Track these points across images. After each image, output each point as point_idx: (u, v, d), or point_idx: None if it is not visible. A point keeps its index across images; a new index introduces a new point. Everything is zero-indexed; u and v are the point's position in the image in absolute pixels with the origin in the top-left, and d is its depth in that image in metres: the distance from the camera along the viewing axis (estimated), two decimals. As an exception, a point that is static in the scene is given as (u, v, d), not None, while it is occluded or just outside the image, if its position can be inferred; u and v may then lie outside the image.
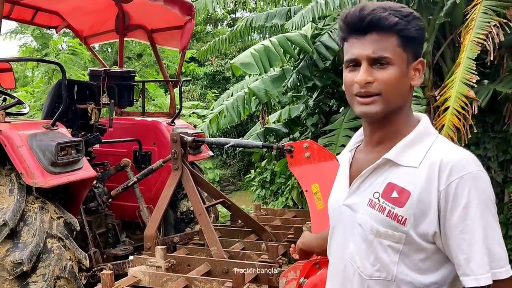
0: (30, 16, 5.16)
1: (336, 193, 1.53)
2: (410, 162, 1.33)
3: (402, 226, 1.29)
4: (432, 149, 1.33)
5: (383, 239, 1.32)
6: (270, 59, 6.48)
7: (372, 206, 1.35)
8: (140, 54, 12.68)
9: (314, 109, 7.87)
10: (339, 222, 1.48)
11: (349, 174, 1.49)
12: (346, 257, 1.43)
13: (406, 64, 1.34)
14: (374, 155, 1.41)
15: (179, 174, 3.77)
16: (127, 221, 4.90)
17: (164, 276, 3.11)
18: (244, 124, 15.55)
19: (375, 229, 1.34)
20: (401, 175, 1.33)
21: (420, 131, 1.38)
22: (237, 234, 4.11)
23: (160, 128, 4.83)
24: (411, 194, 1.29)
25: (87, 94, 4.41)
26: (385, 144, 1.40)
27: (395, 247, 1.31)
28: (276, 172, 8.52)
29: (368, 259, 1.36)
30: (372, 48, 1.32)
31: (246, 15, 20.20)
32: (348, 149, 1.56)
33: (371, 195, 1.37)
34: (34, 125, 3.51)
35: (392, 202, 1.32)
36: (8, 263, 3.08)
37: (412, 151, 1.34)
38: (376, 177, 1.38)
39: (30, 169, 3.17)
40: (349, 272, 1.42)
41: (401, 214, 1.29)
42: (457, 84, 4.02)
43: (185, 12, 4.60)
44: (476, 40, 4.13)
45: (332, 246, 1.52)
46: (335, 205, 1.50)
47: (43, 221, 3.23)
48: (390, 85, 1.32)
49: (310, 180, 3.35)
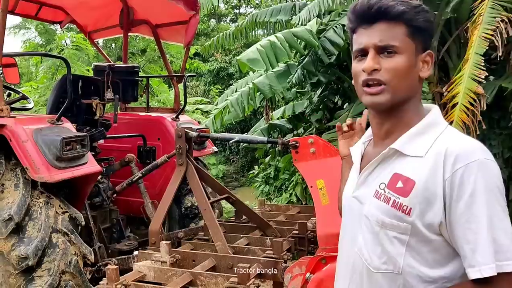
0: (34, 11, 5.15)
1: (348, 185, 1.53)
2: (416, 152, 1.32)
3: (407, 216, 1.28)
4: (439, 139, 1.31)
5: (389, 230, 1.31)
6: (276, 54, 6.48)
7: (377, 197, 1.35)
8: (144, 49, 12.67)
9: (319, 105, 7.87)
10: (348, 215, 1.48)
11: (359, 166, 1.48)
12: (355, 250, 1.42)
13: (415, 55, 1.35)
14: (383, 147, 1.40)
15: (183, 170, 3.76)
16: (132, 216, 4.90)
17: (169, 271, 3.10)
18: (248, 120, 15.56)
19: (380, 220, 1.33)
20: (407, 165, 1.32)
21: (428, 122, 1.37)
22: (242, 229, 4.10)
23: (164, 123, 4.83)
24: (415, 184, 1.28)
25: (92, 89, 4.41)
26: (394, 135, 1.39)
27: (401, 239, 1.29)
28: (280, 168, 8.53)
29: (375, 251, 1.35)
30: (379, 36, 1.33)
31: (250, 11, 20.18)
32: (362, 142, 1.56)
33: (377, 186, 1.36)
34: (39, 120, 3.51)
35: (397, 192, 1.31)
36: (13, 258, 3.08)
37: (419, 141, 1.33)
38: (383, 168, 1.38)
39: (35, 164, 3.17)
40: (358, 265, 1.41)
41: (406, 204, 1.28)
42: (466, 80, 3.99)
43: (190, 7, 4.58)
44: (484, 35, 4.10)
45: (343, 239, 1.52)
46: (346, 198, 1.51)
47: (48, 215, 3.23)
48: (397, 73, 1.32)
49: (315, 175, 3.33)
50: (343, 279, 1.50)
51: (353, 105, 7.06)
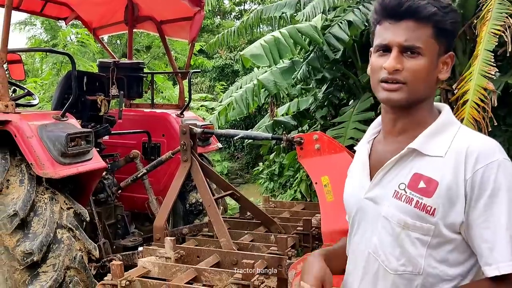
0: (39, 7, 5.18)
1: (354, 186, 1.49)
2: (436, 151, 1.31)
3: (431, 217, 1.27)
4: (457, 138, 1.31)
5: (411, 231, 1.30)
6: (280, 50, 6.46)
7: (398, 198, 1.33)
8: (148, 46, 12.69)
9: (324, 102, 7.84)
10: (359, 216, 1.45)
11: (368, 166, 1.45)
12: (368, 251, 1.40)
13: (437, 56, 1.33)
14: (396, 145, 1.38)
15: (188, 166, 3.76)
16: (136, 212, 4.92)
17: (174, 267, 3.11)
18: (252, 117, 15.53)
19: (402, 221, 1.31)
20: (427, 165, 1.31)
21: (444, 121, 1.36)
22: (246, 226, 4.10)
23: (169, 120, 4.83)
24: (439, 184, 1.27)
25: (97, 85, 4.41)
26: (408, 134, 1.37)
27: (423, 240, 1.29)
28: (285, 165, 8.52)
29: (394, 253, 1.34)
30: (405, 35, 1.30)
31: (254, 7, 20.15)
32: (366, 141, 1.52)
33: (396, 187, 1.34)
34: (44, 116, 3.52)
35: (420, 192, 1.29)
36: (18, 253, 3.09)
37: (437, 141, 1.33)
38: (400, 168, 1.35)
39: (40, 160, 3.18)
40: (372, 267, 1.39)
41: (430, 204, 1.27)
42: (476, 76, 3.97)
43: (194, 3, 4.59)
44: (493, 31, 4.08)
45: (353, 241, 1.48)
46: (354, 199, 1.47)
47: (53, 211, 3.24)
48: (418, 75, 1.30)
49: (320, 172, 3.33)
50: (357, 281, 1.46)
51: (357, 102, 7.03)
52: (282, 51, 6.55)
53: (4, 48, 3.31)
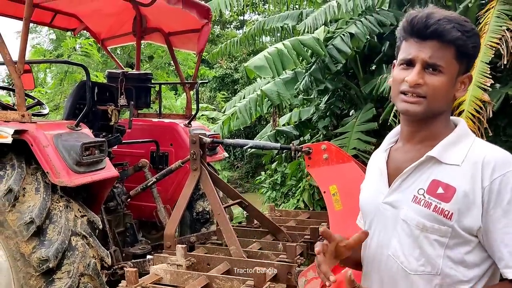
0: (49, 18, 5.25)
1: (371, 192, 1.59)
2: (453, 160, 1.41)
3: (448, 221, 1.37)
4: (473, 149, 1.41)
5: (429, 233, 1.39)
6: (283, 62, 6.56)
7: (417, 202, 1.42)
8: (151, 56, 12.77)
9: (326, 112, 7.93)
10: (377, 220, 1.54)
11: (386, 172, 1.55)
12: (388, 254, 1.48)
13: (456, 76, 1.43)
14: (414, 153, 1.48)
15: (198, 175, 3.84)
16: (144, 220, 4.98)
17: (185, 274, 3.18)
18: (252, 127, 15.63)
19: (421, 224, 1.40)
20: (445, 172, 1.41)
21: (460, 132, 1.47)
22: (253, 234, 4.17)
23: (177, 129, 4.91)
24: (456, 190, 1.37)
25: (107, 95, 4.49)
26: (425, 143, 1.48)
27: (441, 241, 1.38)
28: (287, 174, 8.58)
29: (413, 254, 1.43)
30: (429, 53, 1.40)
31: (255, 17, 20.30)
32: (383, 149, 1.62)
33: (415, 192, 1.44)
34: (59, 125, 3.59)
35: (438, 197, 1.39)
36: (34, 260, 3.15)
37: (455, 150, 1.43)
38: (419, 175, 1.45)
39: (56, 168, 3.25)
40: (391, 268, 1.48)
41: (448, 208, 1.37)
42: (472, 88, 4.07)
43: (202, 15, 4.68)
44: (490, 44, 4.18)
45: (370, 244, 1.56)
46: (372, 204, 1.56)
47: (68, 219, 3.30)
48: (437, 91, 1.41)
49: (329, 181, 3.41)
50: (377, 282, 1.54)
51: (359, 112, 7.12)
52: (285, 63, 6.64)
53: (22, 59, 3.39)
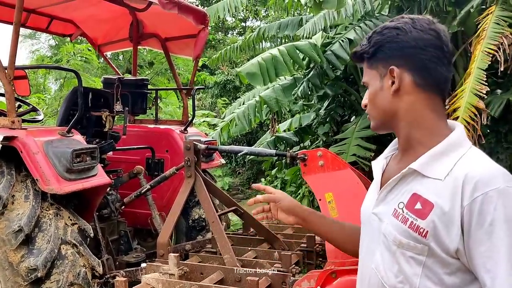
0: (45, 24, 5.24)
1: (367, 200, 1.54)
2: (436, 174, 1.30)
3: (423, 239, 1.27)
4: (461, 162, 1.29)
5: (406, 250, 1.30)
6: (277, 69, 6.50)
7: (396, 216, 1.34)
8: (151, 62, 12.77)
9: (325, 118, 7.87)
10: (367, 230, 1.49)
11: (380, 181, 1.49)
12: (371, 266, 1.42)
13: (379, 79, 1.43)
14: (402, 164, 1.41)
15: (192, 182, 3.77)
16: (139, 228, 4.92)
17: (177, 283, 3.10)
18: (254, 133, 15.57)
19: (398, 240, 1.32)
20: (427, 186, 1.31)
21: (451, 142, 1.34)
22: (249, 242, 4.10)
23: (173, 135, 4.86)
24: (434, 207, 1.26)
25: (101, 101, 4.44)
26: (411, 153, 1.39)
27: (418, 259, 1.29)
28: (287, 180, 8.52)
29: (392, 269, 1.35)
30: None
31: (257, 24, 20.32)
32: (384, 156, 1.57)
33: (396, 205, 1.36)
34: (50, 132, 3.54)
35: (415, 213, 1.29)
36: (23, 269, 3.09)
37: (440, 163, 1.31)
38: (402, 187, 1.37)
39: (45, 176, 3.19)
40: (373, 282, 1.41)
41: (423, 226, 1.27)
42: (467, 94, 4.00)
43: (199, 21, 4.63)
44: (487, 50, 4.11)
45: (361, 254, 1.52)
46: (365, 214, 1.51)
47: (58, 227, 3.25)
48: (370, 103, 1.47)
49: (324, 188, 3.33)
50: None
51: (359, 118, 7.07)
52: (279, 70, 6.59)
53: (12, 65, 3.35)
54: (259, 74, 6.33)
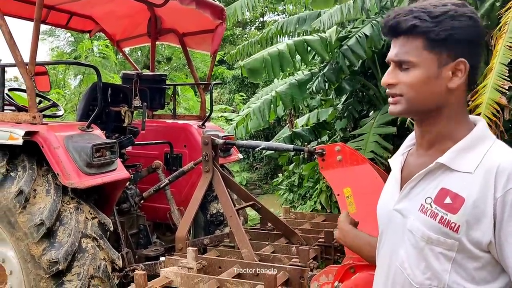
0: (65, 20, 5.30)
1: (386, 197, 1.50)
2: (465, 167, 1.28)
3: (455, 233, 1.25)
4: (489, 155, 1.28)
5: (435, 246, 1.29)
6: (282, 64, 6.44)
7: (423, 212, 1.32)
8: (169, 57, 12.83)
9: (343, 113, 7.81)
10: (388, 228, 1.46)
11: (400, 178, 1.46)
12: (396, 264, 1.40)
13: (437, 66, 1.31)
14: (425, 158, 1.38)
15: (210, 176, 3.79)
16: (158, 222, 4.96)
17: (196, 277, 3.13)
18: (272, 128, 15.56)
19: (426, 235, 1.30)
20: (455, 180, 1.29)
21: (476, 135, 1.33)
22: (267, 237, 4.11)
23: (191, 131, 4.88)
24: (465, 201, 1.24)
25: (120, 97, 4.48)
26: (436, 147, 1.37)
27: (447, 255, 1.27)
28: (304, 176, 8.50)
29: (419, 266, 1.33)
30: (396, 51, 1.35)
31: (275, 18, 20.26)
32: (400, 153, 1.54)
33: (422, 201, 1.33)
34: (70, 127, 3.59)
35: (445, 208, 1.28)
36: (44, 262, 3.14)
37: (468, 156, 1.30)
38: (428, 182, 1.34)
39: (66, 170, 3.24)
40: (398, 280, 1.39)
41: (454, 221, 1.25)
42: (489, 90, 3.92)
43: (216, 16, 4.65)
44: (509, 45, 4.02)
45: (381, 252, 1.49)
46: (385, 210, 1.48)
47: (78, 221, 3.29)
48: (412, 87, 1.33)
49: (342, 183, 3.31)
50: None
51: (378, 113, 6.99)
52: (284, 66, 6.53)
53: (33, 61, 3.39)
54: (261, 69, 6.26)
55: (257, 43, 8.66)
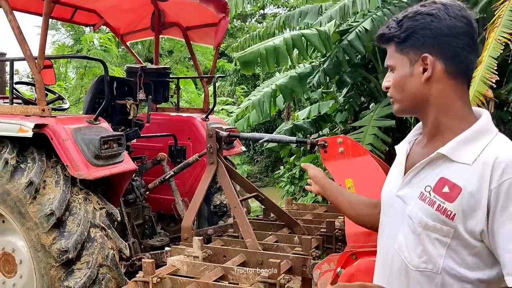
0: (69, 14, 5.35)
1: (391, 182, 1.58)
2: (464, 159, 1.35)
3: (451, 221, 1.32)
4: (489, 148, 1.34)
5: (431, 232, 1.36)
6: (278, 59, 6.47)
7: (422, 199, 1.39)
8: (171, 50, 12.86)
9: (344, 106, 7.88)
10: (389, 212, 1.54)
11: (404, 165, 1.53)
12: (394, 247, 1.47)
13: (409, 65, 1.44)
14: (428, 149, 1.45)
15: (214, 168, 3.86)
16: (163, 213, 5.05)
17: (202, 265, 3.20)
18: (273, 121, 15.62)
19: (424, 222, 1.37)
20: (454, 171, 1.35)
21: (478, 128, 1.39)
22: (270, 227, 4.19)
23: (195, 123, 4.96)
24: (462, 190, 1.31)
25: (125, 90, 4.55)
26: (438, 138, 1.44)
27: (443, 241, 1.34)
28: (305, 168, 8.56)
29: (416, 250, 1.40)
30: (387, 57, 1.52)
31: (276, 10, 20.25)
32: (407, 140, 1.61)
33: (422, 188, 1.40)
34: (78, 119, 3.66)
35: (443, 196, 1.34)
36: (54, 251, 3.24)
37: (468, 148, 1.36)
38: (429, 171, 1.41)
39: (75, 162, 3.32)
40: (396, 262, 1.47)
41: (451, 209, 1.32)
42: (477, 82, 3.97)
43: (219, 9, 4.70)
44: (499, 38, 4.06)
45: (382, 234, 1.57)
46: (388, 195, 1.56)
47: (87, 211, 3.38)
48: (395, 87, 1.49)
49: (344, 175, 3.39)
50: (382, 274, 1.55)
51: (378, 106, 7.06)
52: (280, 60, 6.56)
53: (42, 55, 3.46)
54: (255, 62, 6.29)
55: (259, 37, 8.71)
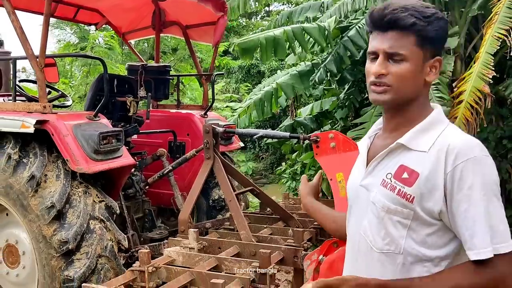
0: (72, 13, 5.46)
1: (354, 175, 1.69)
2: (421, 147, 1.48)
3: (410, 204, 1.44)
4: (442, 136, 1.47)
5: (393, 215, 1.48)
6: (276, 50, 6.49)
7: (384, 186, 1.51)
8: (175, 48, 12.98)
9: (344, 102, 7.94)
10: (355, 201, 1.65)
11: (366, 158, 1.64)
12: (360, 232, 1.59)
13: (422, 61, 1.48)
14: (389, 140, 1.57)
15: (211, 163, 3.98)
16: (163, 207, 5.17)
17: (197, 256, 3.32)
18: (278, 118, 15.68)
19: (386, 206, 1.49)
20: (412, 158, 1.48)
21: (432, 120, 1.52)
22: (265, 221, 4.30)
23: (193, 120, 5.06)
24: (419, 175, 1.44)
25: (126, 87, 4.67)
26: (400, 130, 1.55)
27: (404, 223, 1.46)
28: (307, 164, 8.64)
29: (379, 233, 1.52)
30: (389, 43, 1.47)
31: (280, 7, 20.29)
32: (368, 136, 1.72)
33: (384, 176, 1.52)
34: (78, 116, 3.79)
35: (403, 182, 1.47)
36: (55, 242, 3.38)
37: (424, 137, 1.49)
38: (389, 160, 1.54)
39: (75, 156, 3.45)
40: (362, 246, 1.59)
41: (410, 192, 1.44)
42: (474, 78, 4.05)
43: (218, 8, 4.80)
44: (496, 35, 4.14)
45: (350, 223, 1.68)
46: (353, 186, 1.67)
47: (87, 204, 3.51)
48: (401, 79, 1.47)
49: (335, 169, 3.49)
50: (350, 258, 1.68)
51: (378, 102, 7.09)
52: (278, 52, 6.57)
53: (43, 54, 3.59)
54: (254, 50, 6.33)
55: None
